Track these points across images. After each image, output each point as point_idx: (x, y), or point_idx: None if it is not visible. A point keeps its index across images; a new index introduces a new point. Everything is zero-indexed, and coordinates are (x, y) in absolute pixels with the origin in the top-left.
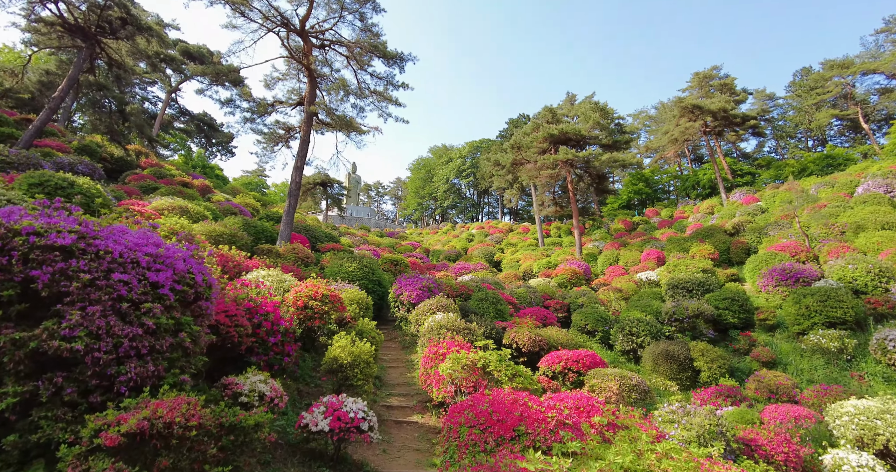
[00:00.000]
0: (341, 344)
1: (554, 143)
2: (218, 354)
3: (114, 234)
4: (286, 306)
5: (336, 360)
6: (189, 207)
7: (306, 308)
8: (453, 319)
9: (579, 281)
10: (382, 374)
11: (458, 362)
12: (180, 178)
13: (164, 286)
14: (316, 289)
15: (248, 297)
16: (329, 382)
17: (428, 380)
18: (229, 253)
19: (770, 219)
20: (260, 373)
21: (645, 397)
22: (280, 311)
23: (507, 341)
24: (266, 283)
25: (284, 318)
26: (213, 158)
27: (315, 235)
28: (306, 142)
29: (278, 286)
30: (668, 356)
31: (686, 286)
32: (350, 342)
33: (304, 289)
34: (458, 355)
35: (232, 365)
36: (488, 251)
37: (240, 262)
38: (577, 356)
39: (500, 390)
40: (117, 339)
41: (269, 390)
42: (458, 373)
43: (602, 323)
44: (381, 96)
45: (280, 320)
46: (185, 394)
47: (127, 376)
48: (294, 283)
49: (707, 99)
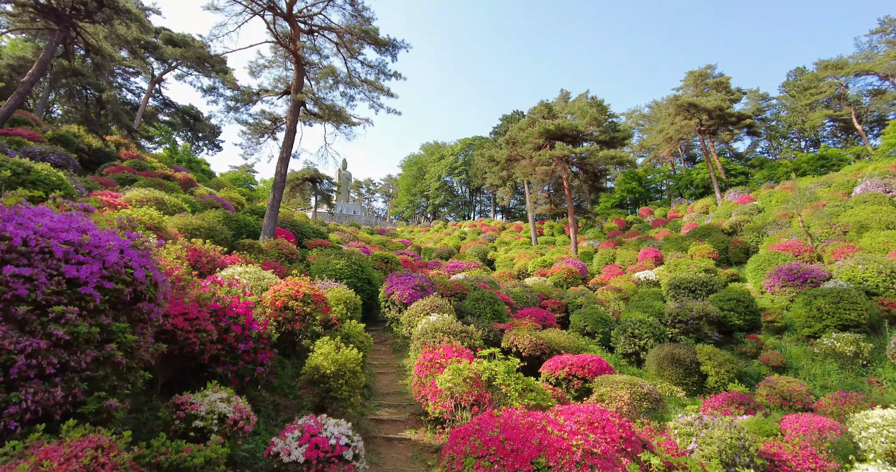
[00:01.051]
0: (324, 351)
1: (550, 138)
2: (176, 364)
3: (20, 215)
4: (263, 307)
5: (318, 369)
6: (165, 199)
7: (286, 309)
8: (449, 321)
9: (575, 280)
10: (371, 381)
11: (459, 373)
12: (162, 170)
13: (88, 284)
14: (297, 288)
15: (214, 296)
16: (310, 394)
17: (422, 391)
18: (203, 248)
19: (768, 218)
20: (223, 389)
21: (657, 406)
22: (253, 313)
23: (506, 345)
24: (242, 281)
25: (258, 321)
26: (199, 152)
27: (302, 230)
28: (293, 132)
29: (256, 285)
30: (673, 360)
31: (688, 286)
32: (334, 349)
33: (284, 288)
34: (459, 366)
35: (194, 377)
36: (481, 249)
37: (215, 257)
38: (582, 362)
39: (510, 411)
40: (6, 356)
41: (231, 410)
42: (458, 387)
43: (602, 324)
44: (373, 86)
45: (253, 324)
46: (112, 425)
47: (19, 407)
48: (274, 281)
49: (703, 97)
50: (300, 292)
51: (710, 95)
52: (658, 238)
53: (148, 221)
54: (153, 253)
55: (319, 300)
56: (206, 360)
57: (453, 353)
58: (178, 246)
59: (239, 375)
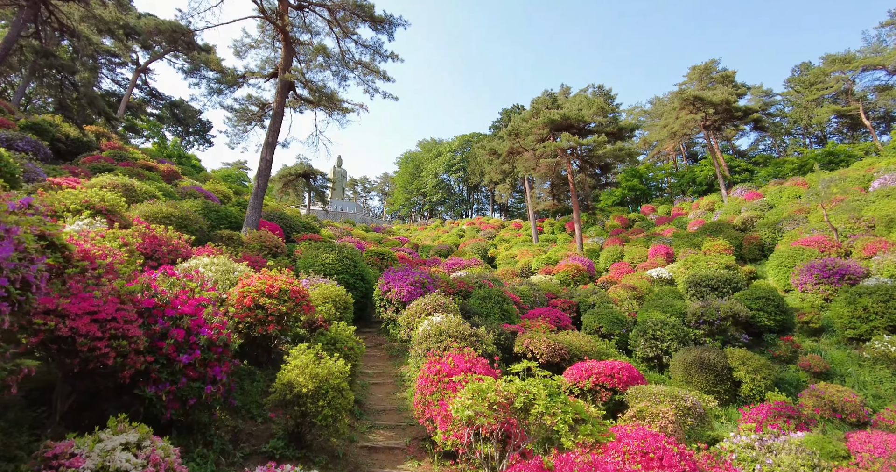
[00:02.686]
0: (299, 363)
1: (554, 130)
2: (84, 384)
3: None
4: (228, 305)
5: (291, 387)
6: (136, 186)
7: (257, 308)
8: (456, 322)
9: (583, 278)
10: (364, 395)
11: (481, 397)
12: (144, 161)
13: None
14: (271, 282)
15: (147, 290)
16: (281, 419)
17: (427, 412)
18: (164, 235)
19: (782, 214)
20: (133, 430)
21: (702, 422)
22: (205, 312)
23: (520, 350)
24: (208, 273)
25: (212, 323)
26: (190, 147)
27: (290, 224)
28: (280, 115)
29: (223, 278)
30: (702, 365)
31: (710, 284)
32: (314, 359)
33: (256, 282)
34: (482, 387)
35: (115, 402)
36: (482, 247)
37: (178, 246)
38: (610, 369)
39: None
40: None
41: (140, 464)
42: (483, 418)
43: (618, 325)
44: (368, 68)
45: (202, 327)
46: None
47: None
48: (246, 275)
49: (709, 91)
50: (275, 288)
51: (717, 89)
52: (666, 235)
53: (99, 203)
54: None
55: (299, 297)
56: (128, 378)
57: (465, 364)
58: (129, 232)
59: (180, 397)
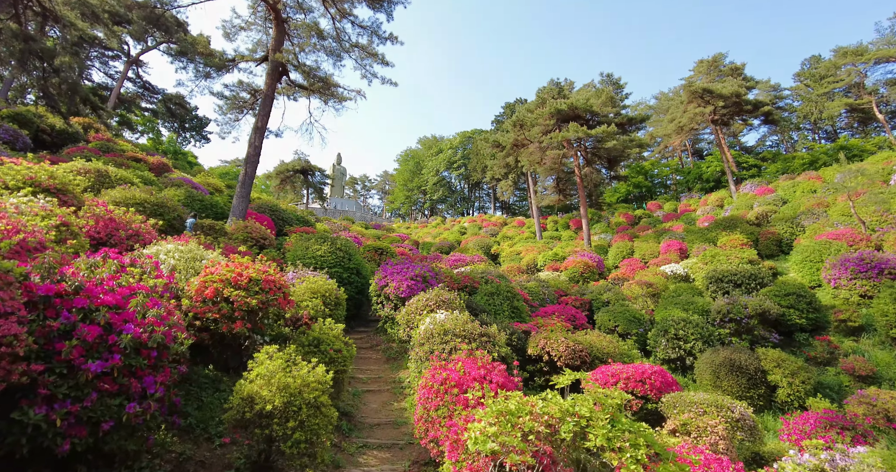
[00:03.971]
0: (263, 371)
1: (561, 120)
2: None
3: None
4: (186, 297)
5: (252, 402)
6: (110, 171)
7: (222, 302)
8: (463, 320)
9: (592, 275)
10: (355, 405)
11: (510, 422)
12: (132, 153)
13: None
14: (240, 270)
15: (48, 271)
16: (240, 445)
17: (431, 430)
18: (123, 218)
19: (799, 208)
20: None
21: (752, 435)
22: (132, 302)
23: (535, 352)
24: (170, 261)
25: (147, 317)
26: (186, 144)
27: (283, 217)
28: (270, 98)
29: (188, 267)
30: (733, 368)
31: (733, 280)
32: (284, 365)
33: (221, 270)
34: (509, 406)
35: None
36: (485, 243)
37: (140, 231)
38: (640, 374)
39: None
40: None
41: None
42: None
43: (635, 324)
44: (365, 51)
45: (129, 322)
46: None
47: None
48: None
49: (718, 83)
50: (244, 277)
51: (726, 81)
52: (676, 231)
53: (47, 181)
54: None
55: (274, 289)
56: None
57: (478, 370)
58: (69, 210)
59: (88, 420)
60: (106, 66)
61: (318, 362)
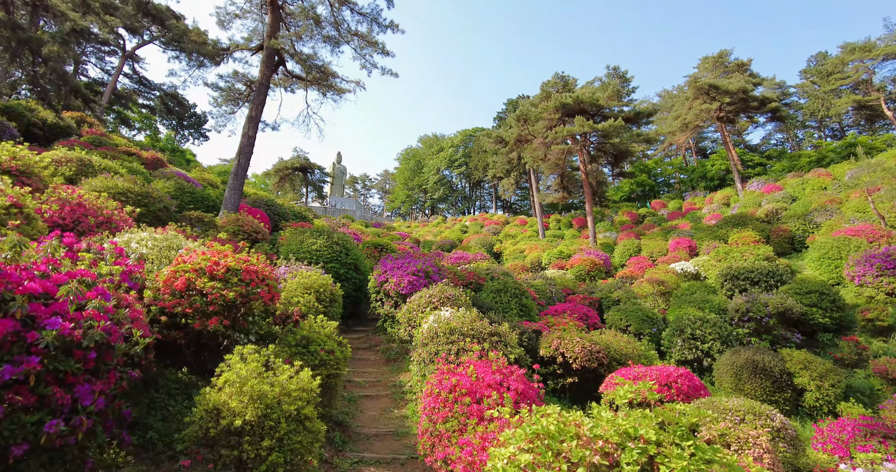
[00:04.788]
0: (233, 376)
1: (566, 114)
2: None
3: None
4: (154, 289)
5: (218, 415)
6: (93, 161)
7: (195, 295)
8: (471, 318)
9: (599, 273)
10: (350, 413)
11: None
12: (125, 148)
13: None
14: (216, 259)
15: None
16: (203, 466)
17: (438, 447)
18: (94, 203)
19: (810, 205)
20: None
21: (794, 446)
22: (61, 290)
23: (548, 353)
24: (142, 249)
25: (85, 310)
26: (185, 142)
27: (279, 212)
28: (265, 86)
29: (162, 256)
30: (756, 370)
31: (750, 277)
32: (258, 370)
33: (195, 258)
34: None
35: None
36: (487, 241)
37: (113, 218)
38: (666, 377)
39: None
40: None
41: None
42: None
43: (648, 324)
44: (365, 40)
45: (52, 317)
46: None
47: None
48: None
49: (725, 79)
50: (221, 266)
51: (732, 77)
52: (683, 228)
53: (7, 161)
54: None
55: (256, 280)
56: None
57: (493, 376)
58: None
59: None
60: (102, 61)
61: (304, 366)
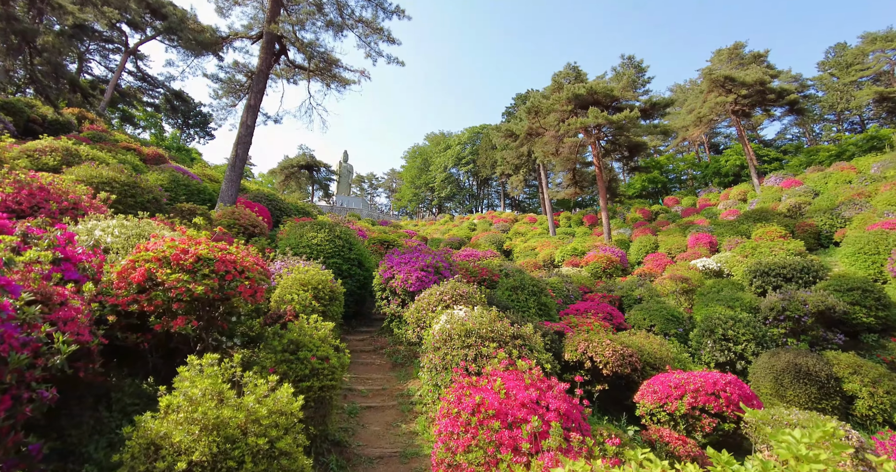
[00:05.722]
0: (178, 400)
1: (579, 106)
2: None
3: None
4: (107, 282)
5: (157, 452)
6: (80, 151)
7: (155, 290)
8: (491, 318)
9: (616, 271)
10: (350, 430)
11: None
12: (126, 143)
13: None
14: (185, 246)
15: None
16: None
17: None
18: (59, 187)
19: (836, 199)
20: None
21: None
22: None
23: (573, 357)
24: (106, 238)
25: None
26: (190, 141)
27: (280, 207)
28: (265, 74)
29: (129, 245)
30: (799, 374)
31: (782, 273)
32: (215, 389)
33: (161, 245)
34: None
35: None
36: (497, 239)
37: (81, 204)
38: (712, 385)
39: None
40: None
41: None
42: None
43: (674, 323)
44: (369, 27)
45: None
46: None
47: None
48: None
49: (741, 71)
50: (190, 254)
51: (749, 69)
52: (702, 224)
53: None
54: None
55: (234, 272)
56: None
57: (527, 392)
58: None
59: None
60: (107, 59)
61: (283, 380)
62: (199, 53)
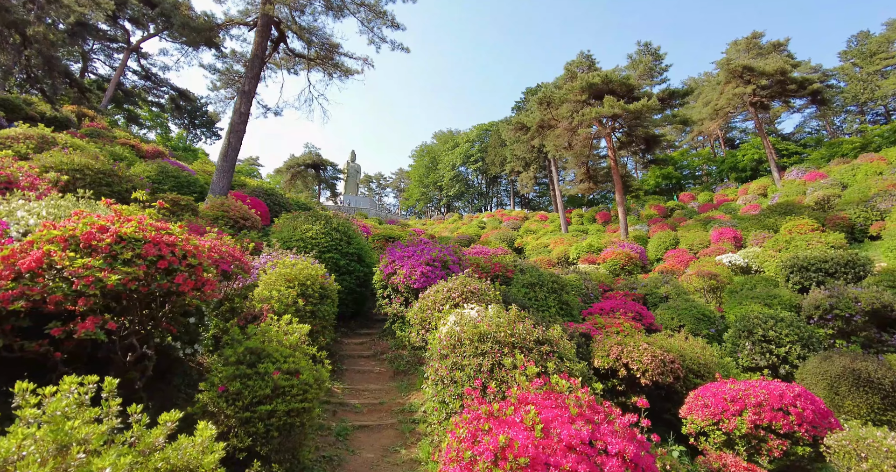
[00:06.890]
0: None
1: (594, 96)
2: None
3: None
4: None
5: None
6: (57, 138)
7: (48, 279)
8: (510, 318)
9: (635, 268)
10: (334, 458)
11: None
12: (124, 140)
13: None
14: (102, 223)
15: None
16: None
17: None
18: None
19: (868, 191)
20: None
21: None
22: None
23: (604, 364)
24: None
25: None
26: (196, 141)
27: (280, 202)
28: (260, 59)
29: None
30: (858, 381)
31: (824, 268)
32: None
33: (68, 225)
34: None
35: None
36: (507, 236)
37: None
38: (778, 398)
39: None
40: None
41: None
42: None
43: (706, 323)
44: (372, 10)
45: None
46: None
47: None
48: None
49: (760, 60)
50: (109, 233)
51: (769, 58)
52: (723, 219)
53: None
54: None
55: (175, 259)
56: None
57: (572, 430)
58: None
59: None
60: (111, 59)
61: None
62: (195, 41)
